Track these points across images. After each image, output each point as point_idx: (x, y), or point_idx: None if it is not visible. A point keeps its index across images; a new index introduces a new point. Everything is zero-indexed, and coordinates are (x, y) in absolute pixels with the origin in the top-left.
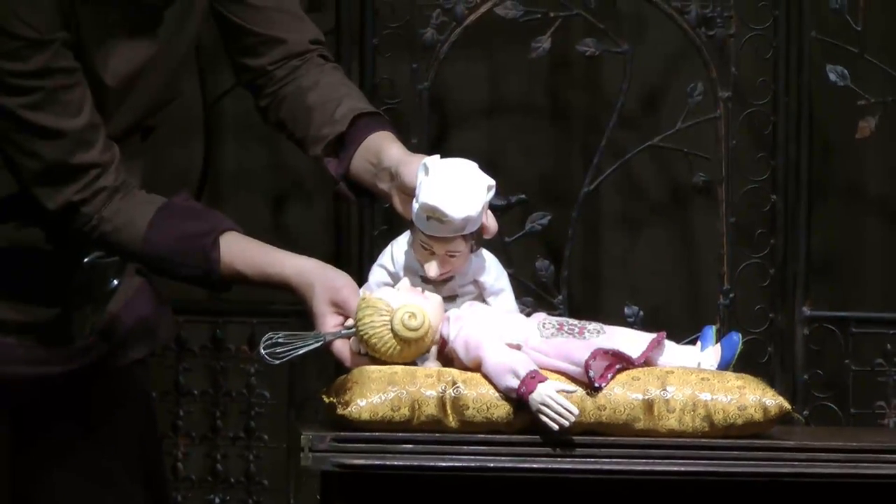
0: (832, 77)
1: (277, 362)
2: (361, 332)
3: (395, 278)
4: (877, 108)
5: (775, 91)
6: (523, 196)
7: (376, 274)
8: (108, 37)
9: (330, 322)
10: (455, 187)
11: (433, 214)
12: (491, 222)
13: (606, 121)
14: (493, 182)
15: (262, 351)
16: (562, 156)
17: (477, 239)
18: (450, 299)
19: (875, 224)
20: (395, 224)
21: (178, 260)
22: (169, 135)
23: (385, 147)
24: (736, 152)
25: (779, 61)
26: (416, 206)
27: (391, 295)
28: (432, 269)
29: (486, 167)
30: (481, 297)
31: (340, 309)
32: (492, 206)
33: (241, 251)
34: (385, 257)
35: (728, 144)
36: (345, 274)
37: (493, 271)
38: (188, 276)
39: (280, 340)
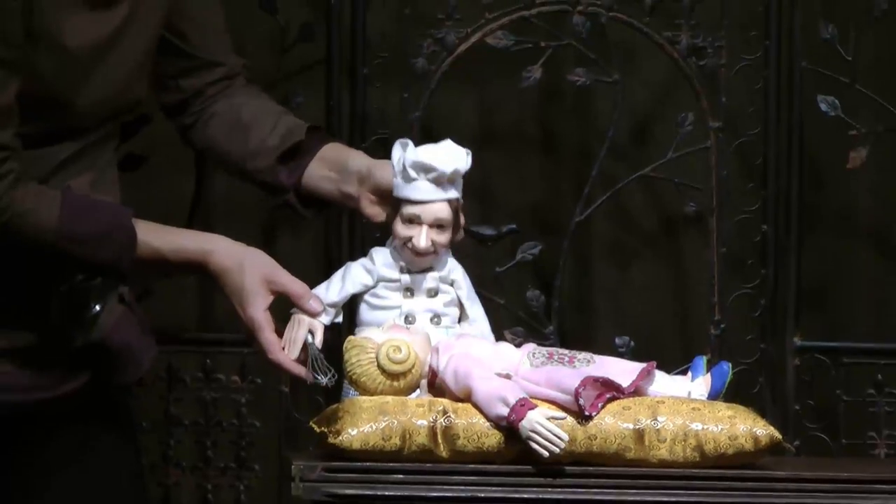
0: (823, 107)
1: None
2: (350, 373)
3: (373, 275)
4: (868, 138)
5: (766, 121)
6: (514, 226)
7: (353, 271)
8: (67, 4)
9: (262, 301)
10: (440, 146)
11: (422, 170)
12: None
13: (597, 150)
14: (469, 151)
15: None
16: (552, 185)
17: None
18: (430, 294)
19: (866, 254)
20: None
21: (94, 241)
22: (160, 164)
23: (348, 153)
24: (727, 182)
25: (769, 91)
26: (398, 178)
27: (376, 333)
28: (422, 240)
29: (477, 197)
30: (457, 302)
31: (273, 285)
32: (482, 236)
33: (156, 229)
34: (364, 258)
35: (719, 174)
36: (265, 254)
37: (467, 278)
38: (103, 258)
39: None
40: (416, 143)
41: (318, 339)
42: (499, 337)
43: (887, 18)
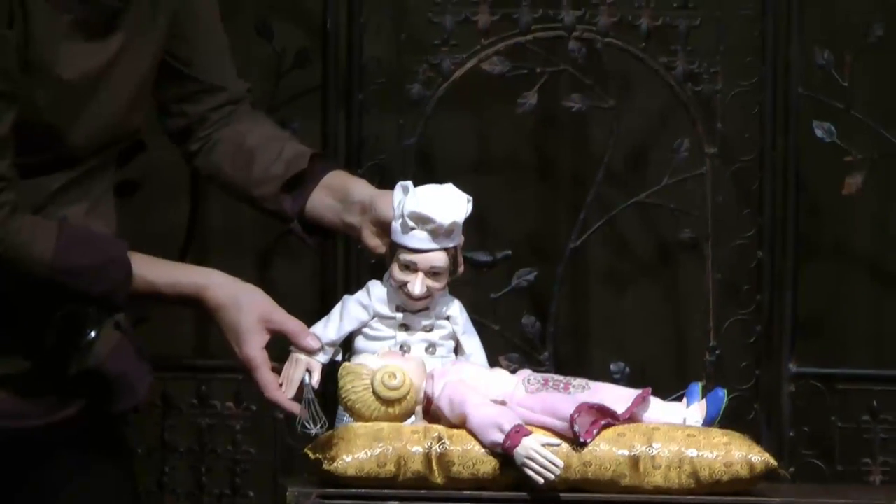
0: (819, 133)
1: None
2: (345, 400)
3: (369, 311)
4: (864, 164)
5: (762, 147)
6: (509, 252)
7: (350, 307)
8: (62, 36)
9: (258, 339)
10: (439, 196)
11: (419, 221)
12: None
13: (593, 176)
14: (470, 197)
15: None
16: (548, 211)
17: (452, 267)
18: (426, 329)
19: (861, 280)
20: (379, 279)
21: (89, 274)
22: (155, 192)
23: (352, 182)
24: (722, 208)
25: (765, 117)
26: (396, 223)
27: (370, 359)
28: (417, 287)
29: (473, 223)
30: (454, 335)
31: (270, 324)
32: (478, 262)
33: (152, 263)
34: (361, 292)
35: (714, 200)
36: (261, 290)
37: (464, 312)
38: (98, 291)
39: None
40: (413, 170)
41: (316, 379)
42: (494, 363)
43: (883, 44)
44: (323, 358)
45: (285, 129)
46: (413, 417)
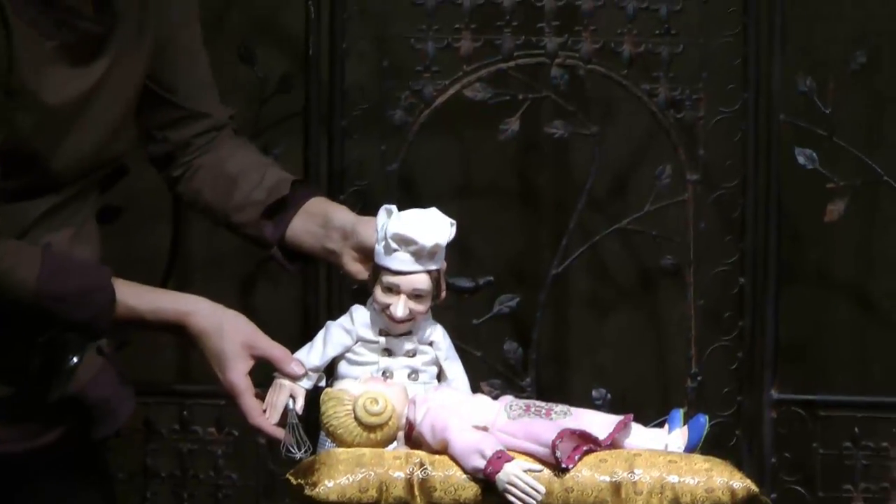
0: (801, 160)
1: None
2: (327, 425)
3: (352, 335)
4: (845, 191)
5: (744, 174)
6: (491, 278)
7: (334, 333)
8: (46, 61)
9: (242, 366)
10: (423, 218)
11: (402, 243)
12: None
13: (575, 203)
14: (454, 221)
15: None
16: (530, 238)
17: (435, 290)
18: (409, 354)
19: (843, 307)
20: (362, 304)
21: (72, 300)
22: (137, 217)
23: (332, 209)
24: (704, 235)
25: (747, 144)
26: (380, 246)
27: (352, 385)
28: (399, 309)
29: (455, 249)
30: (436, 361)
31: (253, 350)
32: (460, 288)
33: (135, 289)
34: (344, 317)
35: (696, 227)
36: (244, 317)
37: (447, 338)
38: (81, 317)
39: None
40: (395, 196)
41: (300, 405)
42: (476, 388)
43: (865, 71)
44: (307, 384)
45: (268, 155)
46: (395, 443)
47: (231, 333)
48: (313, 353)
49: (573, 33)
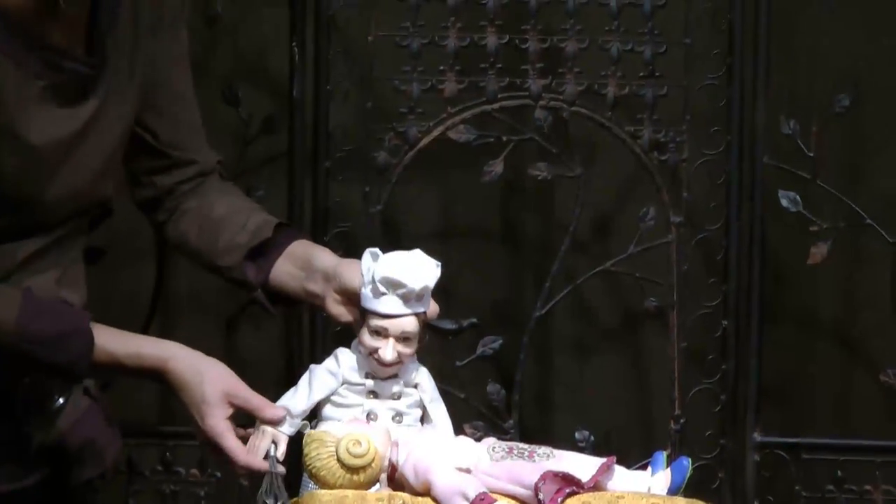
0: (784, 202)
1: None
2: (310, 467)
3: (337, 378)
4: (829, 233)
5: (727, 216)
6: (474, 320)
7: (319, 376)
8: (33, 102)
9: (221, 412)
10: (409, 261)
11: (391, 286)
12: (433, 305)
13: (559, 245)
14: (439, 263)
15: None
16: (514, 279)
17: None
18: (394, 397)
19: (826, 350)
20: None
21: (51, 343)
22: (120, 258)
23: (315, 251)
24: (688, 277)
25: (731, 186)
26: (367, 290)
27: (335, 427)
28: (388, 353)
29: (438, 290)
30: (421, 403)
31: (234, 399)
32: (443, 330)
33: (114, 334)
34: (329, 360)
35: (680, 269)
36: (224, 365)
37: (432, 380)
38: (60, 361)
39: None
40: (378, 238)
41: (281, 452)
42: (459, 430)
43: (848, 114)
44: (289, 430)
45: (251, 195)
46: (378, 485)
47: (212, 380)
48: (298, 398)
49: (557, 75)
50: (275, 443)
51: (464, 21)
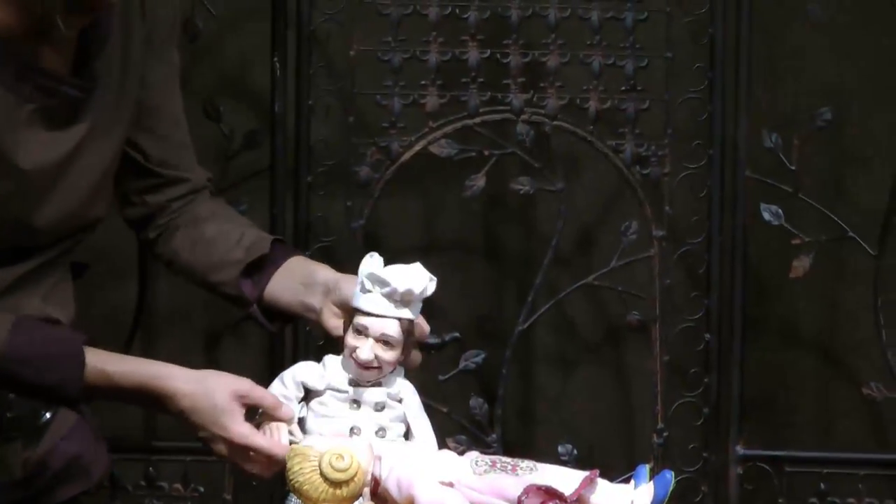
0: (766, 216)
1: None
2: (293, 482)
3: (323, 381)
4: (811, 247)
5: (709, 229)
6: (457, 334)
7: (306, 369)
8: (23, 125)
9: (240, 416)
10: (401, 265)
11: (376, 283)
12: (423, 324)
13: (541, 259)
14: (434, 277)
15: None
16: (496, 294)
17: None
18: (377, 408)
19: (809, 363)
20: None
21: (41, 364)
22: (103, 272)
23: (315, 267)
24: (670, 291)
25: (713, 200)
26: (357, 289)
27: (318, 441)
28: (364, 351)
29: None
30: (404, 418)
31: (245, 399)
32: (425, 345)
33: (108, 355)
34: (316, 363)
35: (662, 283)
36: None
37: (416, 396)
38: (51, 381)
39: None
40: (360, 253)
41: (300, 437)
42: (442, 444)
43: (830, 128)
44: (295, 417)
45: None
46: (361, 499)
47: (218, 388)
48: (290, 388)
49: (539, 89)
50: (291, 432)
51: (445, 35)
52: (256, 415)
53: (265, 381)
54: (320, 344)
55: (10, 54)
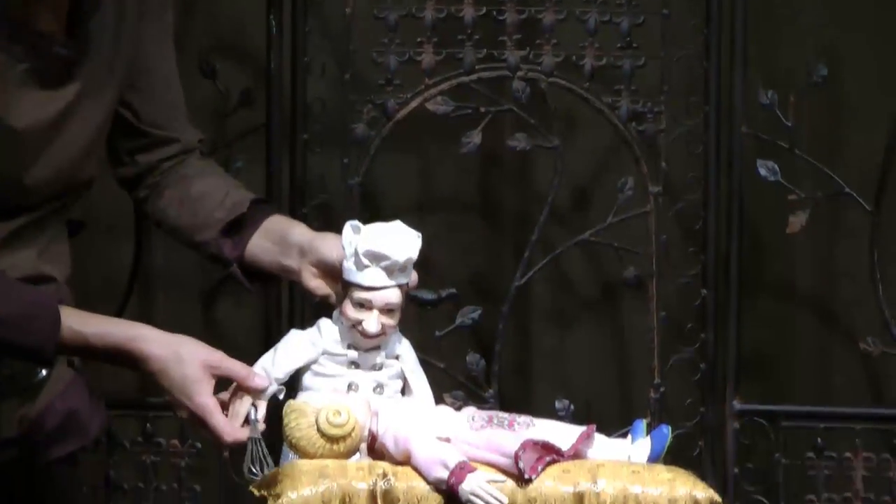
0: (762, 172)
1: (258, 476)
2: (290, 437)
3: (317, 348)
4: (807, 203)
5: (706, 186)
6: (454, 290)
7: (300, 344)
8: (15, 85)
9: (208, 388)
10: (392, 233)
11: (375, 259)
12: (413, 275)
13: (537, 215)
14: (419, 234)
15: (249, 476)
16: (493, 250)
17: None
18: (375, 368)
19: (805, 318)
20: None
21: (17, 324)
22: (99, 230)
23: (290, 225)
24: (666, 247)
25: (709, 156)
26: (349, 263)
27: (315, 397)
28: (372, 325)
29: (417, 261)
30: (402, 374)
31: (215, 370)
32: (422, 300)
33: (82, 316)
34: (311, 330)
35: (658, 239)
36: (196, 339)
37: (413, 351)
38: (27, 342)
39: (245, 472)
40: (357, 210)
41: (261, 414)
42: (439, 400)
43: (826, 84)
44: (267, 394)
45: (229, 168)
46: (358, 454)
47: (190, 357)
48: (277, 364)
49: (535, 47)
50: (255, 406)
51: None
52: (229, 386)
53: (261, 339)
54: (316, 302)
55: (2, 15)
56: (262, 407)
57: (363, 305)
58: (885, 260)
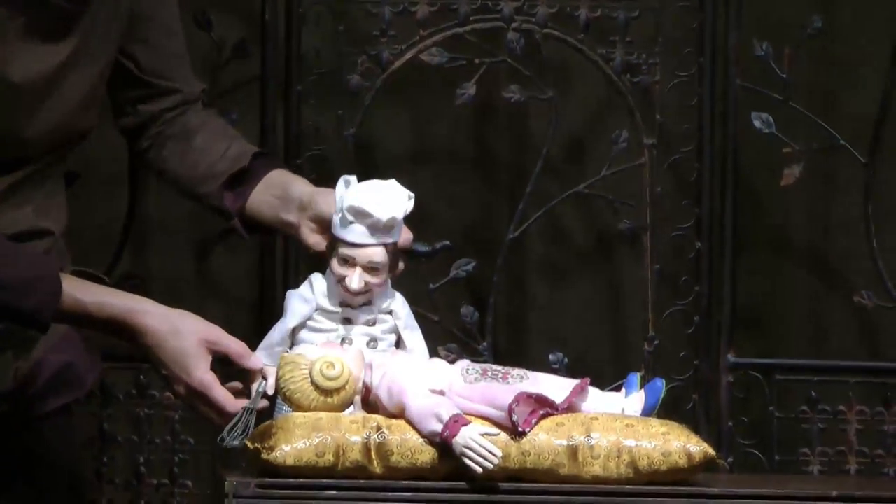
0: (757, 124)
1: (238, 442)
2: (283, 390)
3: (311, 304)
4: (802, 155)
5: (700, 138)
6: (448, 242)
7: (293, 305)
8: (14, 38)
9: (205, 363)
10: (380, 191)
11: (358, 215)
12: (407, 231)
13: (531, 167)
14: (412, 194)
15: (230, 441)
16: (487, 202)
17: (392, 263)
18: (368, 324)
19: (799, 272)
20: (320, 271)
21: (18, 288)
22: (93, 181)
23: (291, 180)
24: (661, 199)
25: (704, 108)
26: (336, 217)
27: (309, 350)
28: (355, 281)
29: (411, 214)
30: (396, 329)
31: (213, 346)
32: (416, 252)
33: (82, 284)
34: (303, 286)
35: (653, 191)
36: (194, 315)
37: (406, 306)
38: (27, 306)
39: (226, 436)
40: (352, 161)
41: (270, 384)
42: (433, 353)
43: (821, 36)
44: (271, 361)
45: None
46: (352, 407)
47: (187, 332)
48: (276, 329)
49: None
50: (264, 377)
51: None
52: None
53: (255, 290)
54: (311, 254)
55: None
56: (272, 378)
57: (347, 262)
58: (880, 213)
